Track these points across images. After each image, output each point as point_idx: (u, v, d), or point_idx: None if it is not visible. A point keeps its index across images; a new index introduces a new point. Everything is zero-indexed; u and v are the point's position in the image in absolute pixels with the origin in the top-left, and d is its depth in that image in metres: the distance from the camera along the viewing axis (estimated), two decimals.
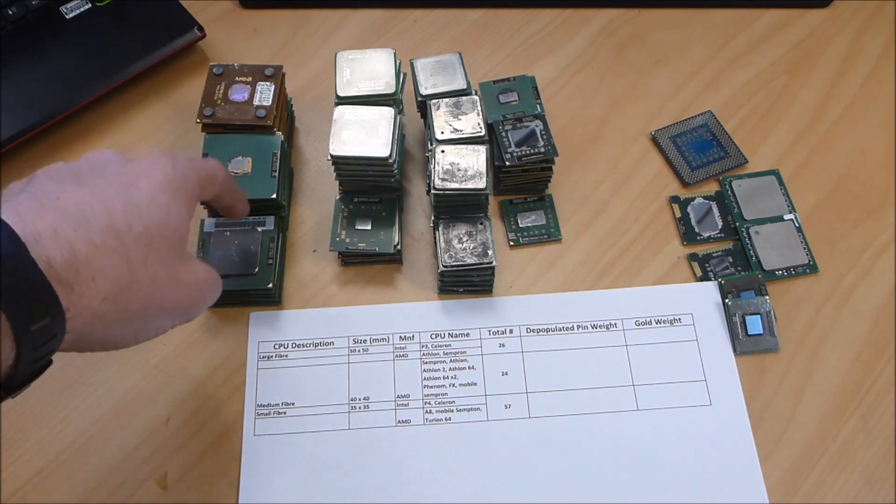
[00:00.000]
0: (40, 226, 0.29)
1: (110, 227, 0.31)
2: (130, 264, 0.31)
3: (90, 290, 0.30)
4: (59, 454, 0.46)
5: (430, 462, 0.45)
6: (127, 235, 0.31)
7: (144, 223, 0.32)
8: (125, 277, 0.31)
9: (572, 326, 0.49)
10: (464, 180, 0.46)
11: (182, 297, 0.35)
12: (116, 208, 0.32)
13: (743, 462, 0.45)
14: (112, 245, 0.31)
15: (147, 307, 0.33)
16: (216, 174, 0.40)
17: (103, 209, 0.31)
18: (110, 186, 0.33)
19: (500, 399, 0.47)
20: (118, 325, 0.32)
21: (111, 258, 0.30)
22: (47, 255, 0.28)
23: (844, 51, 0.61)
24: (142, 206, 0.33)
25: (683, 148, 0.56)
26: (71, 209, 0.30)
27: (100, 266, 0.30)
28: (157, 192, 0.34)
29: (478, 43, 0.61)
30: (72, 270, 0.29)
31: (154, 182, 0.34)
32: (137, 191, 0.33)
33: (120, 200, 0.32)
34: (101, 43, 0.57)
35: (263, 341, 0.49)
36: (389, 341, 0.49)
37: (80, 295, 0.29)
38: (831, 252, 0.52)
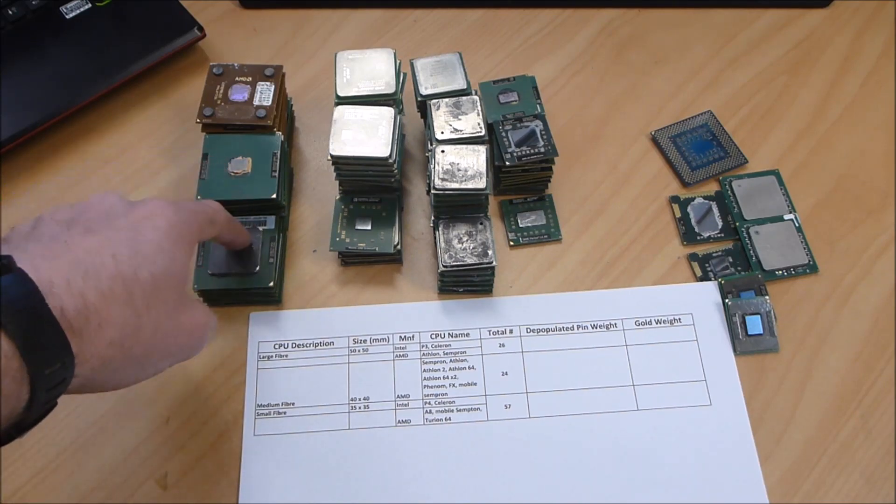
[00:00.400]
0: (54, 276, 0.30)
1: (118, 276, 0.32)
2: (136, 311, 0.32)
3: (98, 337, 0.31)
4: (59, 454, 0.46)
5: (430, 462, 0.45)
6: (134, 283, 0.32)
7: (150, 271, 0.33)
8: (131, 324, 0.32)
9: (572, 326, 0.49)
10: (464, 180, 0.46)
11: (183, 341, 0.37)
12: (124, 256, 0.33)
13: (743, 462, 0.45)
14: (119, 293, 0.32)
15: (150, 352, 0.34)
16: (216, 217, 0.41)
17: (111, 256, 0.32)
18: (118, 234, 0.34)
19: (500, 399, 0.47)
20: (122, 369, 0.33)
21: (118, 306, 0.32)
22: (61, 305, 0.29)
23: (844, 51, 0.61)
24: (148, 255, 0.34)
25: (683, 148, 0.56)
26: (81, 257, 0.31)
27: (107, 314, 0.31)
28: (161, 239, 0.35)
29: (478, 43, 0.61)
30: (82, 318, 0.30)
31: (158, 229, 0.35)
32: (143, 238, 0.34)
33: (127, 248, 0.33)
34: (101, 43, 0.57)
35: (263, 341, 0.49)
36: (389, 341, 0.49)
37: (88, 341, 0.30)
38: (831, 252, 0.52)
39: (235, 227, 0.45)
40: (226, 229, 0.43)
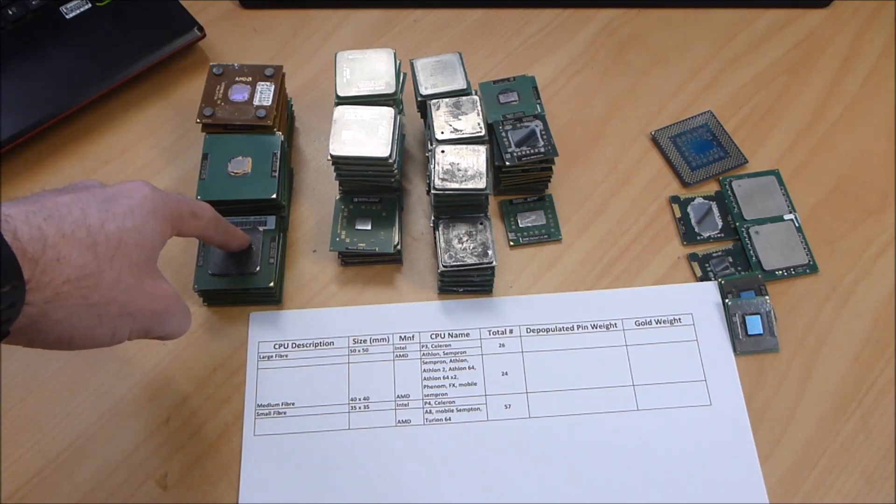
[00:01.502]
0: (12, 210, 0.31)
1: (83, 223, 0.33)
2: (97, 258, 0.33)
3: (54, 270, 0.31)
4: (59, 454, 0.46)
5: (430, 462, 0.45)
6: (98, 232, 0.33)
7: (117, 225, 0.34)
8: (90, 267, 0.33)
9: (572, 326, 0.49)
10: (464, 180, 0.46)
11: (143, 303, 0.36)
12: (92, 209, 0.34)
13: (743, 462, 0.45)
14: (81, 237, 0.32)
15: (108, 302, 0.34)
16: (200, 212, 0.41)
17: (78, 208, 0.33)
18: (90, 195, 0.35)
19: (500, 399, 0.47)
20: (76, 312, 0.33)
21: (78, 248, 0.32)
22: (13, 229, 0.30)
23: (844, 51, 0.61)
24: (118, 214, 0.35)
25: (683, 148, 0.56)
26: (47, 205, 0.33)
27: (66, 252, 0.32)
28: (134, 205, 0.36)
29: (478, 43, 0.61)
30: (38, 247, 0.31)
31: (133, 198, 0.36)
32: (116, 202, 0.35)
33: (97, 206, 0.34)
34: (101, 43, 0.57)
35: (263, 341, 0.49)
36: (389, 341, 0.49)
37: (42, 271, 0.31)
38: (831, 252, 0.52)
39: (224, 227, 0.44)
40: (212, 227, 0.43)
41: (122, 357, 0.48)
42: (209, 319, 0.50)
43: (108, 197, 0.35)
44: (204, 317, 0.50)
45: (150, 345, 0.49)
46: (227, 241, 0.45)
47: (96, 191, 0.36)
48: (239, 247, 0.47)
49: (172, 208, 0.39)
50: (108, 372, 0.48)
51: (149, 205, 0.37)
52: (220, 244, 0.45)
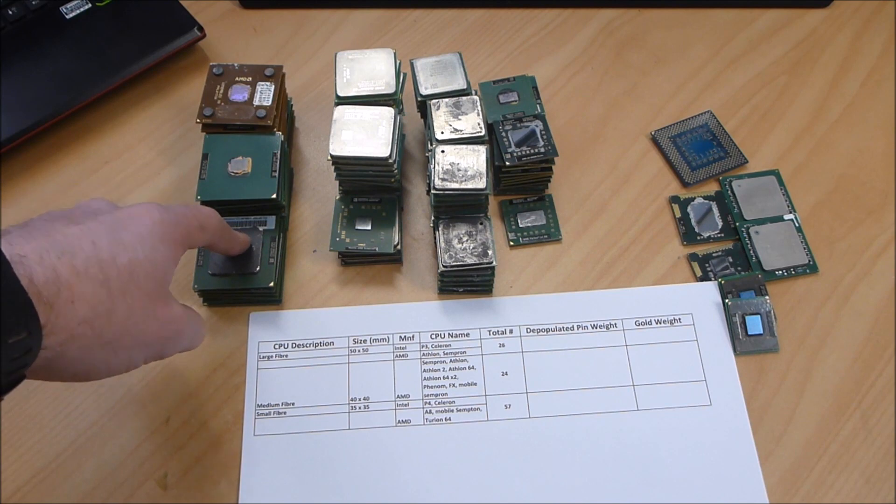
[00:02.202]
0: (26, 249, 0.30)
1: (95, 257, 0.32)
2: (111, 293, 0.33)
3: (68, 312, 0.31)
4: (59, 454, 0.46)
5: (430, 462, 0.45)
6: (110, 266, 0.33)
7: (129, 257, 0.34)
8: (104, 304, 0.32)
9: (572, 326, 0.49)
10: (464, 180, 0.46)
11: (156, 331, 0.36)
12: (103, 241, 0.33)
13: (743, 462, 0.45)
14: (94, 273, 0.32)
15: (121, 336, 0.34)
16: (208, 222, 0.41)
17: (90, 241, 0.33)
18: (100, 225, 0.34)
19: (500, 399, 0.47)
20: (91, 350, 0.33)
21: (92, 285, 0.32)
22: (30, 274, 0.29)
23: (844, 51, 0.61)
24: (128, 243, 0.34)
25: (683, 148, 0.56)
26: (59, 240, 0.32)
27: (80, 290, 0.31)
28: (144, 233, 0.35)
29: (478, 43, 0.61)
30: (52, 289, 0.30)
31: (143, 225, 0.36)
32: (126, 230, 0.35)
33: (107, 237, 0.34)
34: (101, 43, 0.57)
35: (263, 341, 0.49)
36: (389, 341, 0.49)
37: (58, 315, 0.30)
38: (831, 252, 0.52)
39: (229, 234, 0.44)
40: (218, 236, 0.43)
41: None
42: (209, 319, 0.50)
43: (118, 224, 0.35)
44: (204, 317, 0.50)
45: None
46: (231, 247, 0.45)
47: (105, 217, 0.35)
48: (240, 250, 0.47)
49: (182, 229, 0.38)
50: None
51: (159, 230, 0.36)
52: (223, 250, 0.45)
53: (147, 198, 0.54)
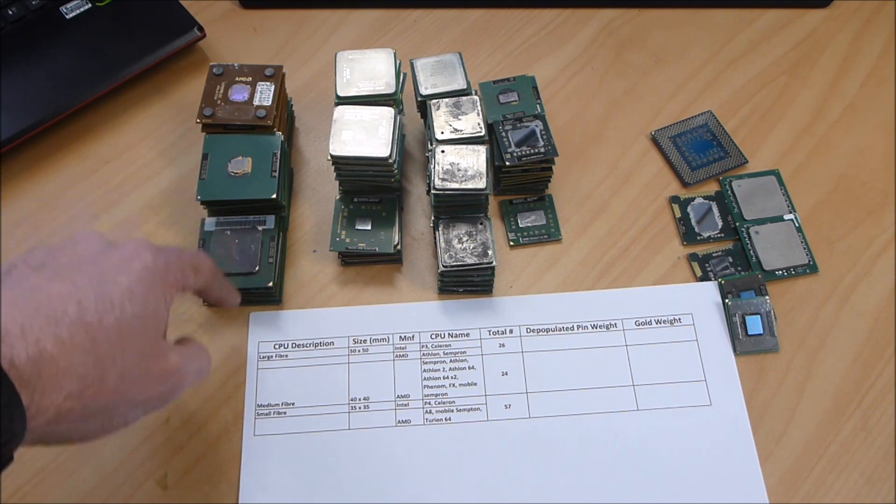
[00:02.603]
0: (9, 322, 0.29)
1: (80, 323, 0.31)
2: (99, 361, 0.31)
3: (54, 388, 0.29)
4: (59, 454, 0.46)
5: (430, 462, 0.45)
6: (97, 331, 0.31)
7: (116, 317, 0.32)
8: (92, 375, 0.31)
9: (572, 326, 0.49)
10: (464, 180, 0.46)
11: (152, 390, 0.35)
12: (89, 302, 0.31)
13: (743, 462, 0.45)
14: (81, 341, 0.30)
15: (114, 402, 0.32)
16: (200, 264, 0.40)
17: (75, 302, 0.31)
18: (86, 279, 0.32)
19: (500, 399, 0.47)
20: (83, 422, 0.32)
21: (79, 356, 0.30)
22: (11, 354, 0.28)
23: (844, 51, 0.61)
24: (116, 301, 0.32)
25: (683, 148, 0.56)
26: (43, 303, 0.30)
27: (66, 363, 0.30)
28: (133, 284, 0.34)
29: (478, 43, 0.61)
30: (36, 369, 0.29)
31: (132, 273, 0.34)
32: (113, 284, 0.33)
33: (94, 294, 0.32)
34: (101, 43, 0.57)
35: (263, 341, 0.49)
36: (389, 341, 0.49)
37: (43, 393, 0.29)
38: (831, 252, 0.52)
39: (223, 280, 0.43)
40: (212, 279, 0.41)
41: None
42: (209, 319, 0.50)
43: (105, 277, 0.33)
44: (204, 317, 0.50)
45: None
46: (226, 296, 0.44)
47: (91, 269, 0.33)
48: (233, 304, 0.45)
49: (175, 271, 0.37)
50: None
51: (149, 278, 0.34)
52: (216, 299, 0.44)
53: (147, 198, 0.54)
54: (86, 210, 0.54)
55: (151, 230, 0.53)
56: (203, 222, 0.49)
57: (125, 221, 0.53)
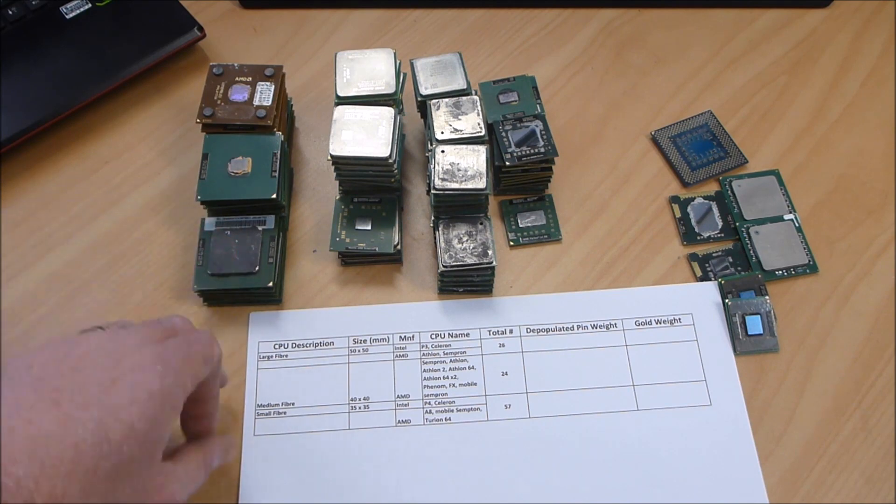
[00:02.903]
0: (7, 477, 0.28)
1: (75, 471, 0.29)
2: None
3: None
4: None
5: (429, 462, 0.45)
6: (92, 478, 0.30)
7: (114, 462, 0.31)
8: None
9: (572, 326, 0.49)
10: (464, 180, 0.46)
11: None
12: (87, 445, 0.30)
13: (743, 462, 0.45)
14: (73, 492, 0.29)
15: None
16: (210, 353, 0.38)
17: (73, 445, 0.30)
18: (86, 413, 0.31)
19: (500, 399, 0.47)
20: None
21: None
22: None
23: (844, 51, 0.61)
24: (115, 442, 0.31)
25: (683, 148, 0.56)
26: (39, 446, 0.29)
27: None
28: (136, 421, 0.32)
29: (478, 43, 0.61)
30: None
31: (137, 406, 0.32)
32: (115, 421, 0.31)
33: (93, 434, 0.30)
34: (101, 43, 0.57)
35: (263, 341, 0.49)
36: (389, 341, 0.49)
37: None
38: (831, 252, 0.52)
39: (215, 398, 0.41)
40: (217, 368, 0.39)
41: None
42: (209, 319, 0.50)
43: (107, 410, 0.31)
44: (204, 317, 0.50)
45: None
46: (212, 413, 0.42)
47: (91, 398, 0.31)
48: (206, 430, 0.42)
49: (181, 390, 0.35)
50: None
51: (155, 408, 0.33)
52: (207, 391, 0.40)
53: (147, 198, 0.54)
54: (86, 210, 0.54)
55: (151, 230, 0.53)
56: (203, 222, 0.49)
57: (125, 221, 0.53)
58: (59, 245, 0.52)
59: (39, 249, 0.52)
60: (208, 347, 0.38)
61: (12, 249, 0.52)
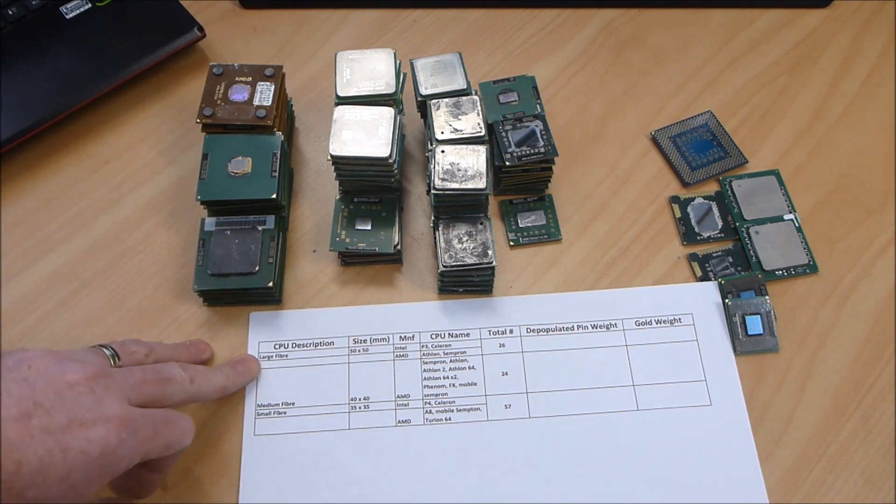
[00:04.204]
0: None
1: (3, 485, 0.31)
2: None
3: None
4: None
5: (430, 462, 0.45)
6: (12, 499, 0.31)
7: (33, 496, 0.32)
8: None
9: (572, 326, 0.49)
10: (464, 180, 0.46)
11: None
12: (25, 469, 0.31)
13: (743, 462, 0.45)
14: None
15: None
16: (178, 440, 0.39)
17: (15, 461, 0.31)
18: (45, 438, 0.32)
19: (500, 399, 0.47)
20: None
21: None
22: None
23: (844, 51, 0.61)
24: (49, 478, 0.32)
25: (683, 148, 0.56)
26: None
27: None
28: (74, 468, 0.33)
29: (478, 43, 0.61)
30: None
31: (88, 453, 0.33)
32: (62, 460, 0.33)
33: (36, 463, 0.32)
34: (101, 43, 0.57)
35: (263, 341, 0.49)
36: (389, 341, 0.49)
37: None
38: (831, 252, 0.52)
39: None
40: (175, 458, 0.41)
41: None
42: (209, 319, 0.50)
43: (61, 444, 0.32)
44: (204, 317, 0.50)
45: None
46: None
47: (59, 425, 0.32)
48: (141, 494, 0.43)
49: (134, 459, 0.36)
50: None
51: (98, 465, 0.33)
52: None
53: (147, 198, 0.54)
54: (86, 210, 0.54)
55: (151, 230, 0.53)
56: (203, 222, 0.49)
57: (125, 221, 0.53)
58: (59, 245, 0.52)
59: (39, 249, 0.52)
60: (181, 437, 0.39)
61: (12, 249, 0.52)
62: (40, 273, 0.51)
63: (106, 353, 0.40)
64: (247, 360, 0.47)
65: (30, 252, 0.52)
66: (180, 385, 0.40)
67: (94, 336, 0.49)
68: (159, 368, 0.40)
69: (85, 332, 0.49)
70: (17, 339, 0.49)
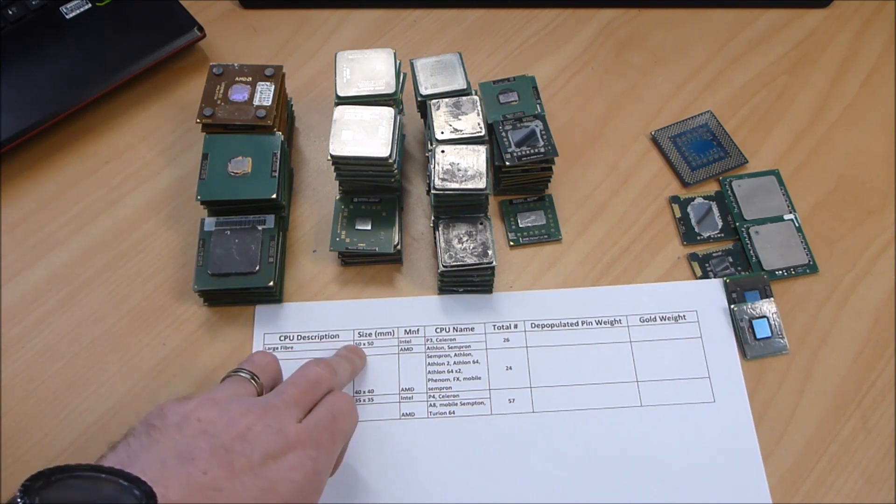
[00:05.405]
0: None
1: None
2: None
3: None
4: (59, 454, 0.46)
5: (433, 455, 0.45)
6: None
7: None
8: None
9: (577, 322, 0.49)
10: (464, 180, 0.46)
11: None
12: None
13: (746, 460, 0.45)
14: None
15: None
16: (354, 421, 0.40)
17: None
18: (253, 478, 0.33)
19: (504, 393, 0.47)
20: None
21: None
22: None
23: (844, 51, 0.61)
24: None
25: (683, 148, 0.56)
26: (210, 495, 0.31)
27: None
28: (289, 496, 0.34)
29: (478, 43, 0.61)
30: None
31: (296, 481, 0.34)
32: (275, 492, 0.33)
33: (254, 500, 0.32)
34: (101, 43, 0.57)
35: (269, 333, 0.49)
36: (394, 335, 0.49)
37: None
38: (831, 252, 0.52)
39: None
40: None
41: (122, 357, 0.48)
42: (209, 319, 0.50)
43: (268, 480, 0.33)
44: (204, 317, 0.50)
45: (151, 345, 0.49)
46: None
47: (256, 469, 0.33)
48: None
49: (332, 463, 0.37)
50: (108, 372, 0.48)
51: (308, 486, 0.35)
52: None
53: (147, 198, 0.54)
54: (86, 210, 0.54)
55: (151, 230, 0.53)
56: (203, 222, 0.49)
57: (125, 221, 0.53)
58: (59, 245, 0.52)
59: (39, 249, 0.52)
60: (350, 420, 0.40)
61: (12, 249, 0.52)
62: (40, 273, 0.51)
63: (245, 377, 0.40)
64: (352, 346, 0.48)
65: (30, 252, 0.52)
66: (327, 380, 0.41)
67: (94, 336, 0.49)
68: (302, 379, 0.40)
69: (85, 332, 0.49)
70: (17, 339, 0.49)
